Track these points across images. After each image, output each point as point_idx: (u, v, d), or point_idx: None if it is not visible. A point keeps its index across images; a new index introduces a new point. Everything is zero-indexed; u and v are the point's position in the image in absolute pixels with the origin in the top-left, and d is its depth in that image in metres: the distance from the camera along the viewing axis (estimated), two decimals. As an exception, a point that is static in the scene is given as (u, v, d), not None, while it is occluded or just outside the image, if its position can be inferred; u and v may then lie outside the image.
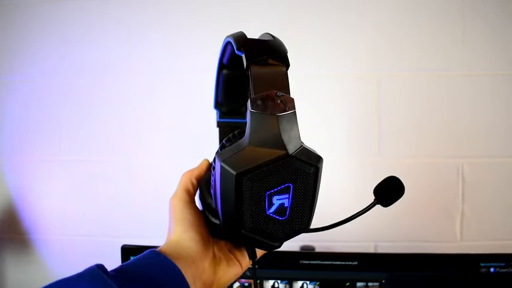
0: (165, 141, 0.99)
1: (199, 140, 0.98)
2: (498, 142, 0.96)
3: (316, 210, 0.38)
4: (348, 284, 0.81)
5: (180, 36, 0.98)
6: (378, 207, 0.42)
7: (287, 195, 0.35)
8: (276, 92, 0.34)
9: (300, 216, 0.37)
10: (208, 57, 0.95)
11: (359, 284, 0.81)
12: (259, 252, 0.44)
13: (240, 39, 0.38)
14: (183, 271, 0.37)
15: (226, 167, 0.34)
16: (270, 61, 0.36)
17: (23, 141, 1.02)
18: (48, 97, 1.01)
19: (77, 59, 1.00)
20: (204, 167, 0.48)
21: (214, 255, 0.42)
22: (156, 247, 0.83)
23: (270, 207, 0.35)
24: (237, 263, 0.44)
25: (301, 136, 0.35)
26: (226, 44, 0.42)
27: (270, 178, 0.34)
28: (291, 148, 0.34)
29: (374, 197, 0.42)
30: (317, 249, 0.91)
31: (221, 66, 0.46)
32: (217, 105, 0.49)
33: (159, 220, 0.99)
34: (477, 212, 0.97)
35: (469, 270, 0.82)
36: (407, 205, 0.95)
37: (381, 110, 0.96)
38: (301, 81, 0.94)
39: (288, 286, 0.82)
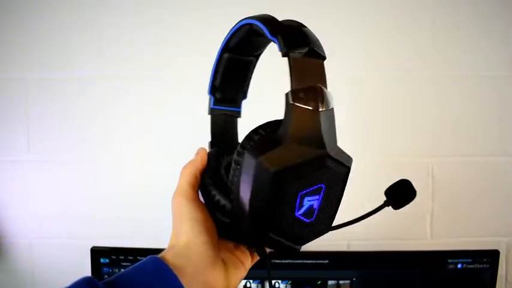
0: (135, 142, 0.98)
1: (170, 141, 0.98)
2: (467, 141, 0.98)
3: None
4: (319, 282, 0.82)
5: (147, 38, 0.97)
6: (354, 210, 0.42)
7: (317, 197, 0.33)
8: (318, 85, 0.32)
9: (325, 219, 0.35)
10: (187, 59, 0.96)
11: (330, 282, 0.82)
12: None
13: (274, 22, 0.35)
14: (187, 283, 0.34)
15: (264, 164, 0.31)
16: (310, 52, 0.33)
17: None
18: (17, 96, 0.98)
19: (46, 56, 0.98)
20: (205, 158, 0.42)
21: (223, 259, 0.39)
22: (127, 249, 0.81)
23: (299, 209, 0.33)
24: (241, 264, 0.41)
25: None
26: (241, 26, 0.39)
27: (306, 178, 0.32)
28: (330, 147, 0.32)
29: (385, 198, 0.41)
30: (290, 249, 0.91)
31: (225, 48, 0.42)
32: (213, 90, 0.45)
33: (130, 221, 0.99)
34: (446, 210, 0.99)
35: (437, 266, 0.83)
36: (379, 204, 0.97)
37: (349, 111, 0.97)
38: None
39: (260, 285, 0.82)
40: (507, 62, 0.96)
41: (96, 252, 0.83)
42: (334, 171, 0.33)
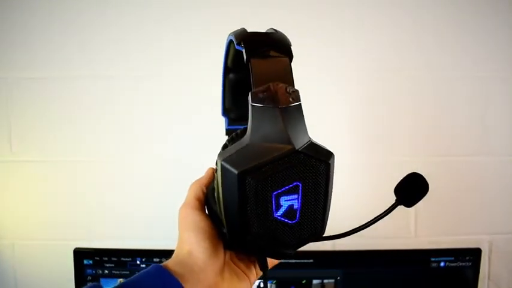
0: (118, 142, 0.97)
1: (154, 142, 0.97)
2: (450, 141, 0.99)
3: None
4: (304, 281, 0.82)
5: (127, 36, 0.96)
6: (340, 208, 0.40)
7: (296, 196, 0.32)
8: (278, 83, 0.32)
9: (312, 219, 0.34)
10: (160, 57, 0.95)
11: (315, 281, 0.82)
12: (270, 263, 0.41)
13: (240, 33, 0.36)
14: None
15: (227, 166, 0.31)
16: (272, 53, 0.33)
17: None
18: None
19: (28, 55, 0.96)
20: (211, 174, 0.44)
21: (226, 269, 0.40)
22: (110, 250, 0.81)
23: (277, 210, 0.32)
24: (245, 277, 0.41)
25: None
26: (229, 43, 0.39)
27: (276, 177, 0.31)
28: (298, 143, 0.31)
29: (395, 197, 0.39)
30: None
31: (226, 69, 0.43)
32: (225, 111, 0.45)
33: (113, 222, 0.98)
34: (431, 209, 1.00)
35: (421, 265, 0.84)
36: (364, 203, 0.98)
37: (330, 110, 0.97)
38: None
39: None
40: (488, 62, 0.97)
41: (79, 254, 0.82)
42: (308, 168, 0.32)
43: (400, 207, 0.42)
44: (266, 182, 0.31)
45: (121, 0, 0.95)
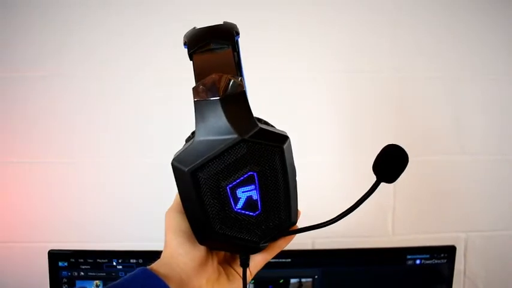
0: (91, 143, 0.96)
1: (129, 141, 0.96)
2: (426, 140, 1.01)
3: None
4: (281, 281, 0.82)
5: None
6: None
7: (253, 186, 0.32)
8: (217, 74, 0.31)
9: (276, 208, 0.33)
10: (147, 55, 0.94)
11: (293, 280, 0.82)
12: (258, 261, 0.40)
13: (186, 33, 0.35)
14: None
15: (176, 165, 0.31)
16: (212, 45, 0.33)
17: None
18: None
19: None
20: None
21: (213, 270, 0.39)
22: (86, 252, 0.80)
23: (236, 203, 0.32)
24: (237, 276, 0.41)
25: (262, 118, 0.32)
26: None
27: (226, 169, 0.31)
28: (243, 131, 0.30)
29: (375, 176, 0.37)
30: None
31: None
32: None
33: (88, 223, 0.97)
34: (408, 208, 1.01)
35: (397, 263, 0.85)
36: (343, 203, 0.98)
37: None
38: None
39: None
40: (463, 63, 0.99)
41: (54, 256, 0.81)
42: (260, 155, 0.31)
43: (378, 209, 0.41)
44: (217, 176, 0.31)
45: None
